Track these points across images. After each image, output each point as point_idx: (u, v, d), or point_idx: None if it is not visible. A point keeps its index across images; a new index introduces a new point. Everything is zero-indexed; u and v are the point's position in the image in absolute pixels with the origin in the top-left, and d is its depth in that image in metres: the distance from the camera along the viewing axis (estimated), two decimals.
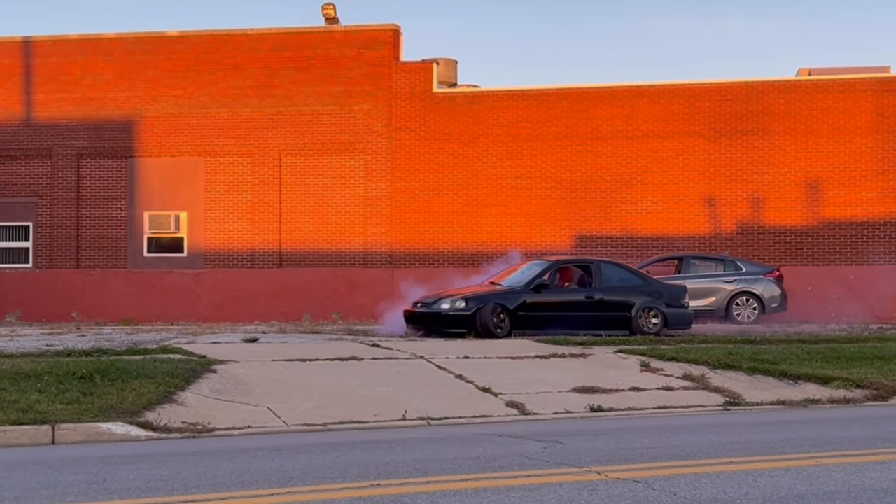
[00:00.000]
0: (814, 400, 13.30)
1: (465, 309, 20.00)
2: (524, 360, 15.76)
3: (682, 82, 27.96)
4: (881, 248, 26.56)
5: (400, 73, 28.47)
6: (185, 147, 29.06)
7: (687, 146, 27.30)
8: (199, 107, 29.01)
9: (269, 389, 12.93)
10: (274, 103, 28.75)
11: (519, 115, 28.12)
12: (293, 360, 15.06)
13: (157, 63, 29.20)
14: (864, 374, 14.41)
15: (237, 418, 11.64)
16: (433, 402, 12.56)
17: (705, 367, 14.97)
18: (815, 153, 27.05)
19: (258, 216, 28.74)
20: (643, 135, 27.46)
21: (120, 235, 29.23)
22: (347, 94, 28.51)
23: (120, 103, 29.30)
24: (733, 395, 13.52)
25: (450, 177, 28.24)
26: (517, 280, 20.93)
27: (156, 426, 10.99)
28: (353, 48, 28.57)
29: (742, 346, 17.37)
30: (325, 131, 28.57)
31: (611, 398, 13.03)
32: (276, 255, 28.59)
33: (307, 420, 11.69)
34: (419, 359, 15.53)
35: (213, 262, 28.82)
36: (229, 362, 14.39)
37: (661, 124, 27.43)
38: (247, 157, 28.86)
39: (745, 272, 24.42)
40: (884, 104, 27.02)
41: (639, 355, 15.99)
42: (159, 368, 13.26)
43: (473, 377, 13.97)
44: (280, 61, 28.75)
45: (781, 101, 27.28)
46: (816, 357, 15.82)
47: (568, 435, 10.21)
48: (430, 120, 28.38)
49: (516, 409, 12.51)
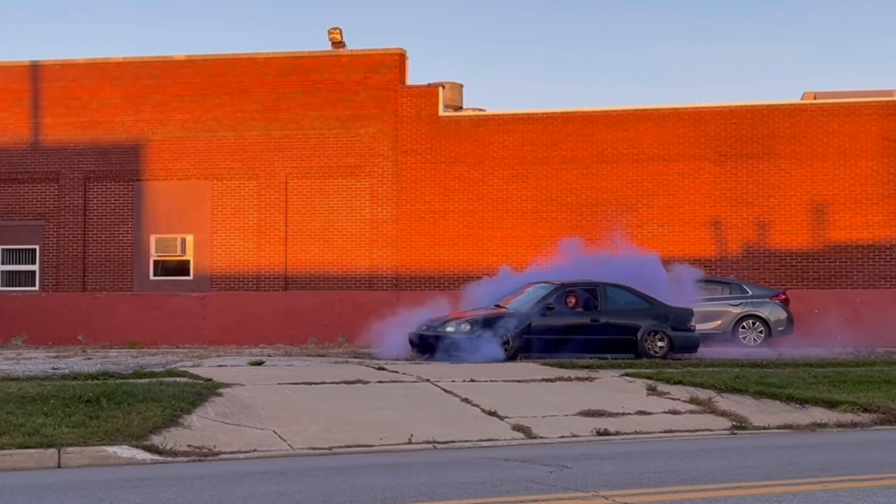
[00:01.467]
0: (821, 424, 13.25)
1: (469, 332, 19.98)
2: (530, 384, 15.72)
3: (687, 106, 28.01)
4: (887, 272, 26.53)
5: (406, 96, 28.58)
6: (192, 170, 29.15)
7: (692, 169, 27.33)
8: (205, 130, 29.13)
9: (275, 413, 12.91)
10: (280, 127, 28.86)
11: (524, 138, 28.19)
12: (299, 384, 15.04)
13: (164, 87, 29.33)
14: (871, 398, 14.36)
15: (243, 442, 11.63)
16: (439, 425, 12.53)
17: (712, 391, 14.92)
18: (821, 177, 27.07)
19: (264, 239, 28.80)
20: (648, 158, 27.51)
21: (126, 258, 29.29)
22: (354, 117, 28.62)
23: (127, 127, 29.42)
24: (740, 419, 13.47)
25: (455, 200, 28.28)
26: (522, 303, 20.91)
27: (161, 450, 10.98)
28: (360, 72, 28.69)
29: (748, 369, 17.31)
30: (331, 155, 28.65)
31: (617, 422, 12.99)
32: (282, 277, 28.62)
33: (313, 444, 11.67)
34: (425, 382, 15.51)
35: (219, 284, 28.85)
36: (235, 385, 14.39)
37: (666, 148, 27.48)
38: (253, 180, 28.94)
39: (751, 295, 24.38)
40: (889, 128, 27.05)
41: (645, 379, 15.94)
42: (165, 392, 13.25)
43: (479, 400, 13.94)
44: (287, 85, 28.88)
45: (787, 125, 27.32)
46: (823, 381, 15.77)
47: (574, 459, 10.18)
48: (435, 143, 28.46)
49: (522, 432, 12.47)
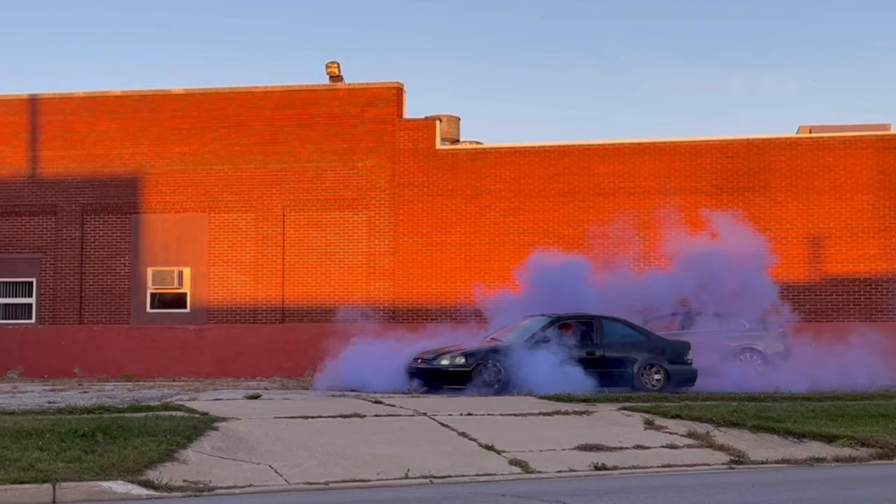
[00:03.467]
0: (819, 458, 13.20)
1: (464, 365, 19.97)
2: (527, 417, 15.67)
3: (683, 139, 28.15)
4: (884, 305, 26.53)
5: (403, 130, 28.70)
6: (189, 203, 29.20)
7: (689, 203, 27.38)
8: (203, 163, 29.21)
9: (271, 447, 12.85)
10: (278, 160, 28.95)
11: (521, 171, 28.28)
12: (295, 418, 14.98)
13: (161, 120, 29.45)
14: (869, 432, 14.31)
15: (239, 476, 11.57)
16: (436, 459, 12.48)
17: (709, 425, 14.88)
18: (817, 210, 27.15)
19: (261, 272, 28.80)
20: (644, 191, 27.58)
21: (123, 291, 29.27)
22: (351, 150, 28.72)
23: (125, 160, 29.50)
24: (738, 454, 13.42)
25: (452, 233, 28.33)
26: (518, 335, 20.90)
27: (157, 485, 10.91)
28: (357, 105, 28.82)
29: (746, 403, 17.28)
30: (328, 187, 28.73)
31: (615, 456, 12.94)
32: (279, 310, 28.60)
33: (309, 478, 11.61)
34: (422, 416, 15.45)
35: (216, 317, 28.82)
36: (231, 419, 14.33)
37: (662, 181, 27.56)
38: (250, 213, 28.98)
39: (748, 328, 24.34)
40: (885, 161, 27.17)
41: (642, 412, 15.90)
42: (161, 426, 13.19)
43: (476, 434, 13.89)
44: (284, 119, 29.00)
45: (783, 159, 27.44)
46: (821, 414, 15.74)
47: (572, 494, 10.13)
48: (432, 176, 28.54)
49: (520, 467, 12.41)
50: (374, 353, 22.13)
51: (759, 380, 21.89)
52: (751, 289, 23.02)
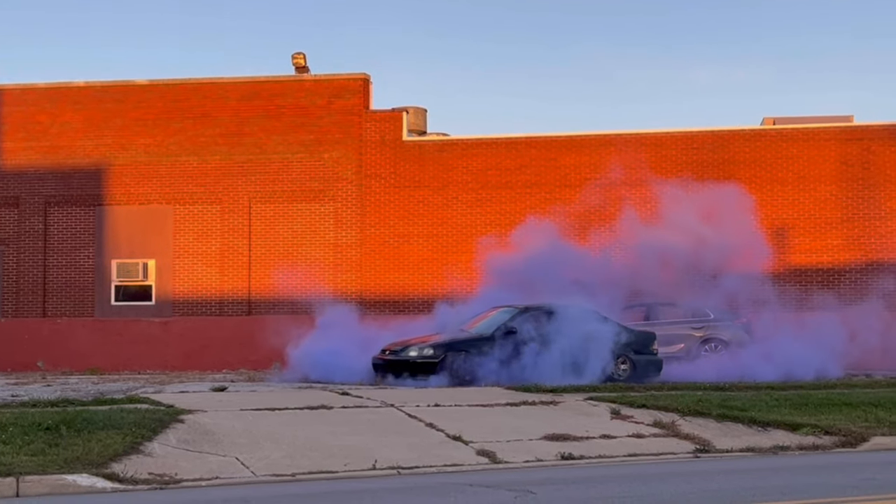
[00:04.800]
0: (783, 447, 13.32)
1: (432, 356, 19.97)
2: (494, 408, 15.71)
3: (648, 131, 28.27)
4: (846, 295, 26.76)
5: (370, 121, 28.61)
6: (154, 195, 28.97)
7: (654, 194, 27.47)
8: (168, 155, 28.99)
9: (238, 439, 12.80)
10: (244, 151, 28.77)
11: (488, 162, 28.29)
12: (262, 409, 14.93)
13: (126, 111, 29.18)
14: (832, 421, 14.46)
15: (205, 469, 11.51)
16: (404, 450, 12.48)
17: (675, 414, 14.98)
18: (781, 201, 27.36)
19: (227, 264, 28.64)
20: (611, 183, 27.64)
21: (87, 284, 29.00)
22: (317, 142, 28.60)
23: (88, 151, 29.22)
24: (703, 442, 13.52)
25: (419, 224, 28.30)
26: (486, 326, 20.91)
27: (122, 477, 10.84)
28: (324, 97, 28.71)
29: (711, 392, 17.40)
30: (294, 179, 28.60)
31: (581, 446, 13.00)
32: (246, 302, 28.46)
33: (276, 470, 11.58)
34: (389, 407, 15.45)
35: (182, 310, 28.64)
36: (197, 412, 14.26)
37: (628, 172, 27.64)
38: (216, 204, 28.80)
39: (713, 319, 24.51)
40: (847, 153, 27.42)
41: (609, 402, 15.98)
42: (126, 419, 13.12)
43: (444, 425, 13.90)
44: (250, 110, 28.83)
45: (747, 150, 27.62)
46: (785, 403, 15.88)
47: (539, 484, 10.16)
48: (399, 168, 28.49)
49: (487, 457, 12.44)
50: (342, 345, 22.08)
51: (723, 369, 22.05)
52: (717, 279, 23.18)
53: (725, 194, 24.08)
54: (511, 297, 22.26)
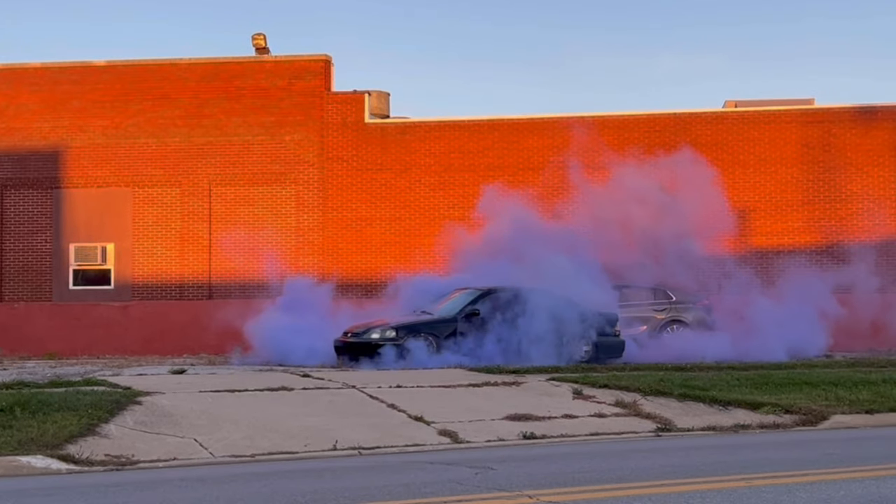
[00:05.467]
0: (744, 425, 13.36)
1: (395, 338, 19.88)
2: (456, 389, 15.64)
3: (611, 114, 28.28)
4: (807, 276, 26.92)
5: (331, 103, 28.39)
6: (113, 178, 28.60)
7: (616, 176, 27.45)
8: (126, 137, 28.61)
9: (196, 421, 12.63)
10: (203, 133, 28.45)
11: (451, 145, 28.18)
12: (221, 392, 14.75)
13: (83, 93, 28.76)
14: (793, 400, 14.53)
15: (162, 450, 11.35)
16: (365, 431, 12.38)
17: (637, 394, 14.98)
18: (743, 183, 27.47)
19: (187, 247, 28.34)
20: (573, 165, 27.57)
21: (45, 268, 28.61)
22: (278, 124, 28.34)
23: (45, 133, 28.79)
24: (665, 422, 13.54)
25: (382, 207, 28.15)
26: (448, 309, 20.85)
27: (78, 459, 10.67)
28: (284, 78, 28.44)
29: (673, 373, 17.44)
30: (255, 161, 28.33)
31: (543, 425, 12.96)
32: (206, 286, 28.18)
33: (235, 451, 11.44)
34: (351, 388, 15.34)
35: (141, 294, 28.32)
36: (155, 394, 14.07)
37: (591, 155, 27.60)
38: (176, 187, 28.48)
39: (675, 301, 24.60)
40: (808, 135, 27.57)
41: (571, 383, 15.96)
42: (82, 400, 12.91)
43: (406, 406, 13.82)
44: (209, 91, 28.50)
45: (709, 133, 27.69)
46: (746, 383, 15.94)
47: (500, 461, 10.11)
48: (362, 150, 28.31)
49: (449, 437, 12.38)
50: (304, 328, 21.93)
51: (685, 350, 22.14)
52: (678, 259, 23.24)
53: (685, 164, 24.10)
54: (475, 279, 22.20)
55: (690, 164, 24.43)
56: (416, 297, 22.67)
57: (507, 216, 23.38)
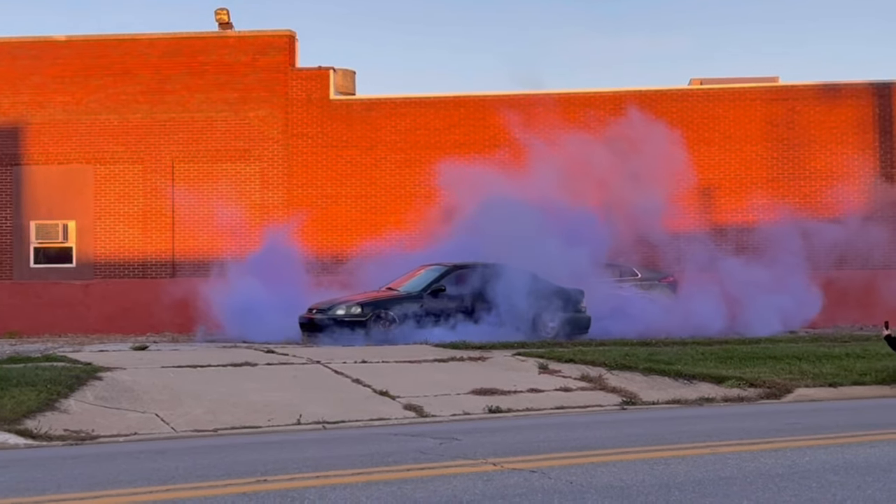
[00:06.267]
0: (708, 398, 13.42)
1: (360, 314, 19.79)
2: (422, 364, 15.58)
3: (577, 91, 28.23)
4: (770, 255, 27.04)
5: (296, 79, 28.11)
6: (74, 154, 28.20)
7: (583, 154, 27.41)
8: (87, 113, 28.20)
9: (158, 396, 12.48)
10: (166, 109, 28.09)
11: (417, 122, 28.01)
12: (184, 367, 14.60)
13: (43, 68, 28.31)
14: (757, 374, 14.60)
15: (123, 425, 11.21)
16: (329, 406, 12.29)
17: (602, 369, 15.01)
18: (708, 161, 27.50)
19: (150, 225, 28.02)
20: (540, 142, 27.51)
21: (5, 246, 28.19)
22: (242, 100, 28.03)
23: (4, 110, 28.33)
24: (630, 395, 13.57)
25: (348, 185, 27.95)
26: (414, 285, 20.77)
27: (36, 434, 10.51)
28: (248, 54, 28.11)
29: (638, 347, 17.49)
30: (219, 138, 28.02)
31: (509, 399, 12.94)
32: (170, 264, 27.90)
33: (197, 426, 11.31)
34: (315, 364, 15.23)
35: (104, 272, 27.99)
36: (116, 369, 13.88)
37: (558, 132, 27.53)
38: (138, 164, 28.12)
39: (640, 278, 24.65)
40: (773, 113, 27.65)
41: (537, 358, 15.95)
42: (41, 376, 12.72)
43: (371, 381, 13.73)
44: (172, 67, 28.12)
45: (674, 110, 27.69)
46: (711, 357, 16.01)
47: (466, 433, 10.07)
48: (327, 127, 28.08)
49: (414, 411, 12.32)
50: (268, 305, 21.78)
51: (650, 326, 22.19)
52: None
53: (638, 125, 24.13)
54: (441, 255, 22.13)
55: (642, 125, 24.49)
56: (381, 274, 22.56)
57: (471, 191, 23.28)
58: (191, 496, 6.70)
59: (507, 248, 21.38)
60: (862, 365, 15.38)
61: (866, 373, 14.81)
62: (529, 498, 6.55)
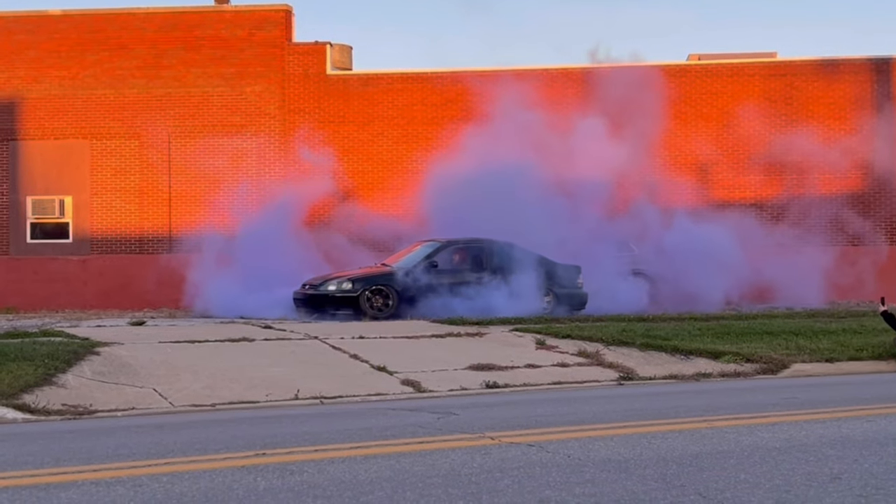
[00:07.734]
0: (705, 374, 13.46)
1: (351, 290, 19.80)
2: (420, 340, 15.61)
3: (575, 66, 28.08)
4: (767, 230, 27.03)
5: (293, 54, 27.98)
6: (70, 129, 28.10)
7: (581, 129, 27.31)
8: (83, 88, 28.07)
9: (156, 371, 12.51)
10: (162, 84, 27.96)
11: (414, 97, 27.90)
12: (182, 342, 14.62)
13: (39, 43, 28.15)
14: (753, 349, 14.64)
15: (121, 400, 11.24)
16: (327, 381, 12.32)
17: (599, 344, 15.04)
18: (705, 137, 27.42)
19: (147, 200, 27.95)
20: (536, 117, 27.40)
21: (1, 221, 28.12)
22: (239, 75, 27.91)
23: (0, 85, 28.18)
24: (627, 371, 13.60)
25: (345, 160, 27.85)
26: (408, 261, 20.76)
27: (34, 408, 10.54)
28: (245, 28, 27.96)
29: (635, 323, 17.51)
30: (215, 113, 27.91)
31: (506, 375, 12.97)
32: (167, 240, 27.85)
33: (195, 401, 11.35)
34: (313, 339, 15.25)
35: (101, 247, 27.94)
36: (114, 344, 13.90)
37: (555, 108, 27.43)
38: (134, 139, 28.03)
39: (636, 254, 24.64)
40: (771, 88, 27.56)
41: (534, 333, 15.98)
42: (39, 350, 12.75)
43: (368, 357, 13.76)
44: (168, 41, 27.98)
45: (672, 86, 27.53)
46: (707, 333, 16.05)
47: (463, 408, 10.09)
48: (324, 102, 27.97)
49: (412, 386, 12.35)
50: (266, 280, 21.78)
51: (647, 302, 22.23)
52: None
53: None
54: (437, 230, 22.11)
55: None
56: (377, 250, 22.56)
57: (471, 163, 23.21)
58: (189, 469, 6.73)
59: (505, 222, 21.35)
60: (858, 340, 15.43)
61: (863, 348, 14.85)
62: (527, 471, 6.57)
